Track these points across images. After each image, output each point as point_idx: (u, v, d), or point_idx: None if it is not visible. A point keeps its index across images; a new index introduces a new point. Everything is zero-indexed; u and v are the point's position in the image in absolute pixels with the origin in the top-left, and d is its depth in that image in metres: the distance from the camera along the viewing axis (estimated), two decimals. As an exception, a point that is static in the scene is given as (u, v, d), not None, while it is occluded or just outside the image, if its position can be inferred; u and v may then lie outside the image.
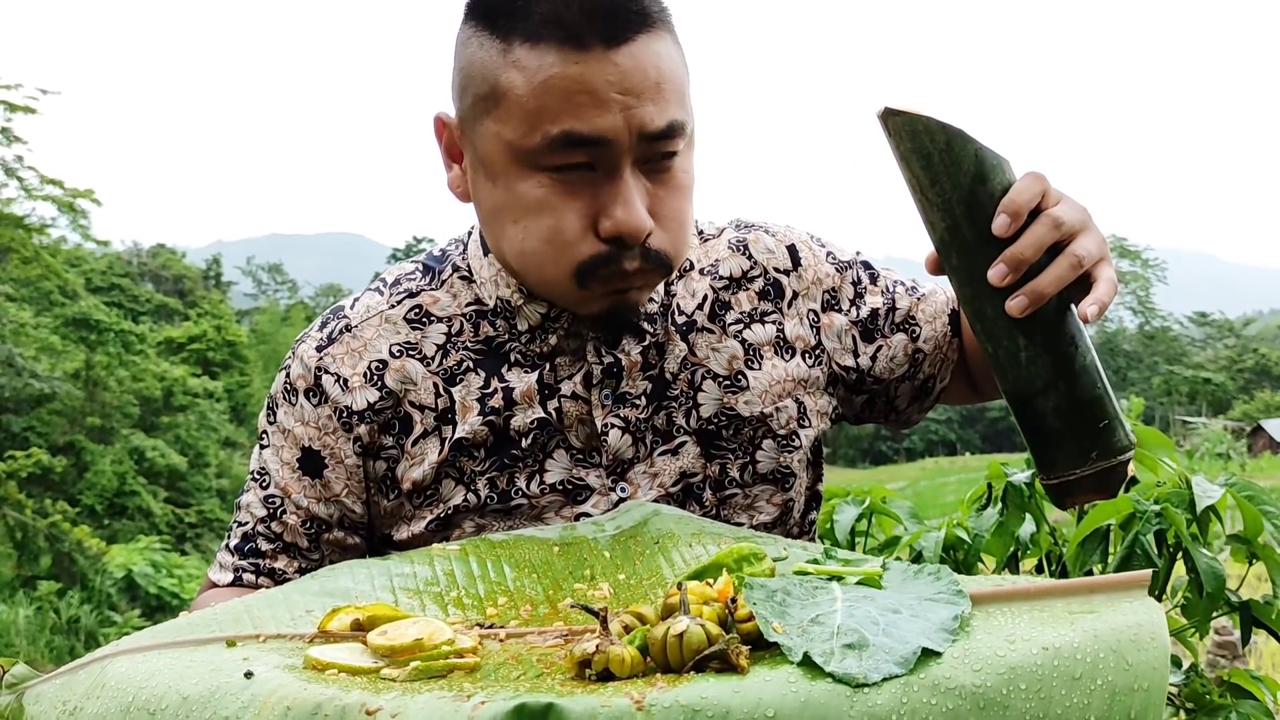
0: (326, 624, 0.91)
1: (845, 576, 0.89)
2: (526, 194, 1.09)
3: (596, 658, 0.78)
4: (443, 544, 1.10)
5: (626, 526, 1.11)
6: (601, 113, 1.06)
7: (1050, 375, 1.02)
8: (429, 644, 0.84)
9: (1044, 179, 1.03)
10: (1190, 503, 1.59)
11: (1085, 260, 1.02)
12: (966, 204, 1.02)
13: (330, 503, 1.23)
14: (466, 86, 1.12)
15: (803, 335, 1.28)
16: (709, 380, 1.23)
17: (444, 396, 1.21)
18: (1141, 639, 0.77)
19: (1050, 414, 1.03)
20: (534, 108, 1.06)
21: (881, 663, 0.75)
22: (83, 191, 17.91)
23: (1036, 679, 0.75)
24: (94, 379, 23.87)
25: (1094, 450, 1.02)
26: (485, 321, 1.22)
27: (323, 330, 1.25)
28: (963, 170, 1.02)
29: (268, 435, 1.26)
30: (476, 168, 1.14)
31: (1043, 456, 1.05)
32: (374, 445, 1.22)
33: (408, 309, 1.24)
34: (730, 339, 1.25)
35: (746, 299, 1.27)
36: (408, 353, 1.22)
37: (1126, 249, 65.05)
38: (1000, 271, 1.01)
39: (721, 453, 1.23)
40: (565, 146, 1.06)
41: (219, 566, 1.26)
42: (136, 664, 0.87)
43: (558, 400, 1.20)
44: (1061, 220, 1.01)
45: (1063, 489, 1.04)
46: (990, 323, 1.03)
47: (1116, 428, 1.03)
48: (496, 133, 1.09)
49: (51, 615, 16.39)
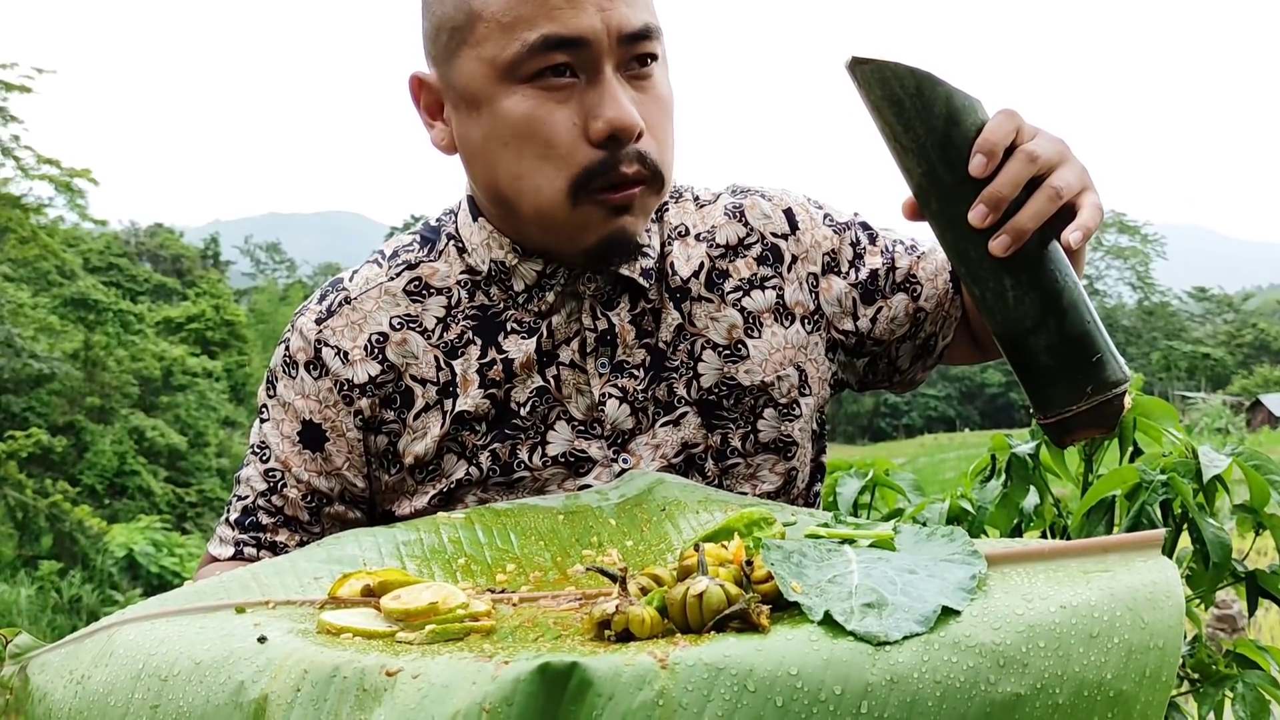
0: (337, 589, 0.90)
1: (857, 539, 0.89)
2: (513, 110, 1.08)
3: (616, 618, 0.78)
4: (447, 513, 1.09)
5: (631, 495, 1.11)
6: (578, 13, 1.06)
7: (1039, 313, 1.01)
8: (443, 607, 0.83)
9: (1017, 115, 1.02)
10: (1196, 472, 1.59)
11: (1065, 191, 1.00)
12: (941, 147, 1.01)
13: (331, 476, 1.22)
14: (439, 29, 1.12)
15: (802, 301, 1.27)
16: (709, 350, 1.23)
17: (445, 370, 1.20)
18: (1157, 597, 0.77)
19: (1042, 352, 1.01)
20: (510, 20, 1.06)
21: (902, 621, 0.75)
22: (80, 171, 17.86)
23: (1055, 637, 0.75)
24: (93, 359, 23.86)
25: (1089, 385, 1.01)
26: (480, 290, 1.21)
27: (322, 303, 1.24)
28: (935, 114, 1.01)
29: (267, 409, 1.25)
30: (459, 107, 1.13)
31: (1038, 395, 1.03)
32: (375, 419, 1.21)
33: (407, 281, 1.23)
34: (729, 308, 1.24)
35: (745, 265, 1.26)
36: (408, 325, 1.21)
37: (1125, 224, 64.98)
38: (980, 212, 1.00)
39: (723, 423, 1.22)
40: (545, 50, 1.06)
41: (219, 541, 1.25)
42: (145, 631, 0.86)
43: (556, 368, 1.20)
44: (1037, 154, 1.00)
45: (1060, 426, 1.03)
46: (974, 265, 1.02)
47: (1109, 361, 1.01)
48: (475, 57, 1.09)
49: (53, 595, 16.43)
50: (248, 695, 0.76)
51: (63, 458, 21.56)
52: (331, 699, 0.73)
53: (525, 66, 1.07)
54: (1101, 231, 65.63)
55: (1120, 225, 64.90)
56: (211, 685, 0.78)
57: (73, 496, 19.29)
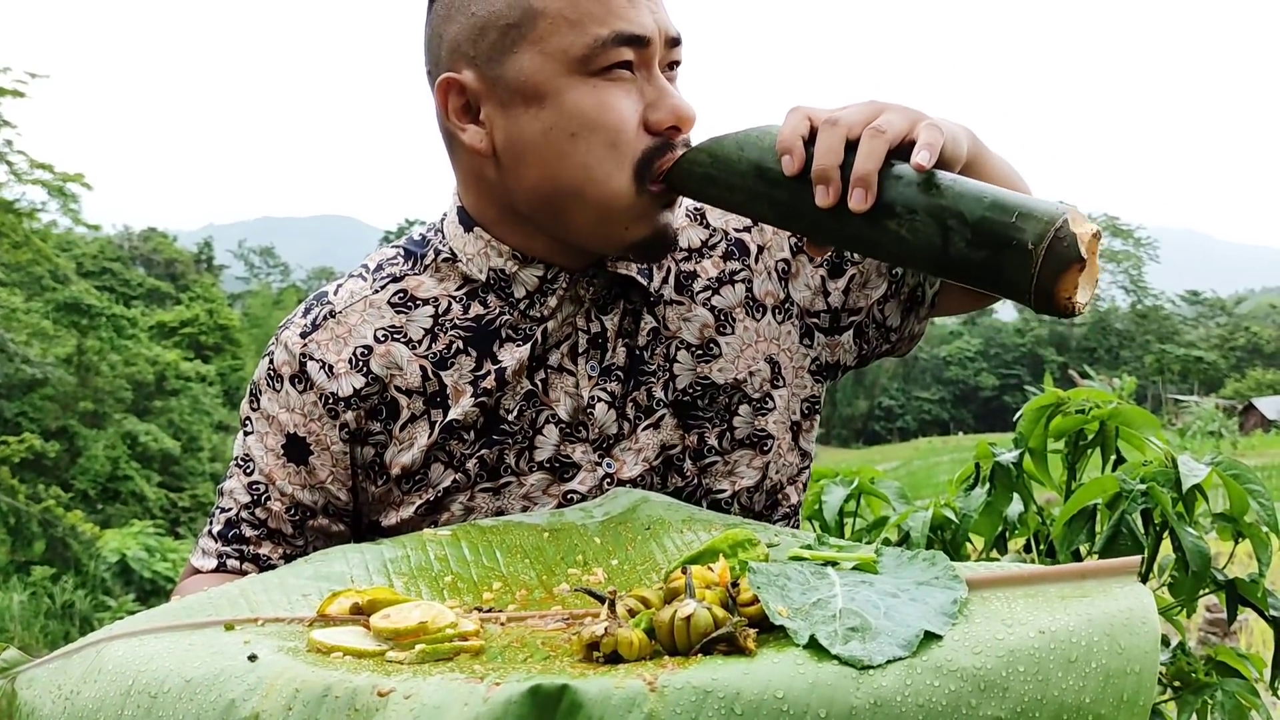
0: (326, 607, 0.91)
1: (840, 562, 0.90)
2: (582, 100, 1.12)
3: (605, 640, 0.79)
4: (433, 529, 1.10)
5: (615, 513, 1.11)
6: (639, 13, 1.12)
7: (936, 225, 0.99)
8: (433, 627, 0.84)
9: (802, 107, 1.06)
10: (1176, 481, 1.60)
11: (886, 128, 1.01)
12: (759, 177, 1.06)
13: (315, 489, 1.23)
14: (484, 30, 1.13)
15: (772, 290, 1.28)
16: (683, 351, 1.24)
17: (433, 380, 1.21)
18: (1133, 623, 0.78)
19: (969, 251, 0.98)
20: (577, 16, 1.11)
21: (885, 645, 0.76)
22: (73, 175, 17.83)
23: (1034, 661, 0.76)
24: (86, 364, 23.83)
25: (1029, 243, 0.96)
26: (476, 301, 1.22)
27: (306, 316, 1.25)
28: (735, 160, 1.08)
29: (251, 421, 1.25)
30: (510, 104, 1.14)
31: (1003, 287, 1.00)
32: (361, 431, 1.21)
33: (392, 293, 1.24)
34: (699, 307, 1.26)
35: (711, 264, 1.28)
36: (393, 337, 1.22)
37: (1118, 228, 65.11)
38: (821, 192, 1.02)
39: (699, 422, 1.24)
40: (616, 44, 1.11)
41: (201, 552, 1.25)
42: (134, 647, 0.86)
43: (544, 371, 1.21)
44: (838, 118, 1.03)
45: (1041, 295, 0.97)
46: (864, 236, 1.02)
47: (1031, 210, 0.96)
48: (538, 52, 1.12)
49: (46, 600, 16.40)
50: (239, 713, 0.76)
51: (55, 462, 21.53)
52: (324, 718, 0.74)
53: (596, 60, 1.11)
54: (1094, 235, 65.79)
55: (1113, 229, 64.99)
56: (202, 703, 0.78)
57: (65, 501, 19.27)
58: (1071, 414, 1.80)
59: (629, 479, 1.21)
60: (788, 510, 1.31)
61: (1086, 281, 0.96)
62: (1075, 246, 0.94)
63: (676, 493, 1.22)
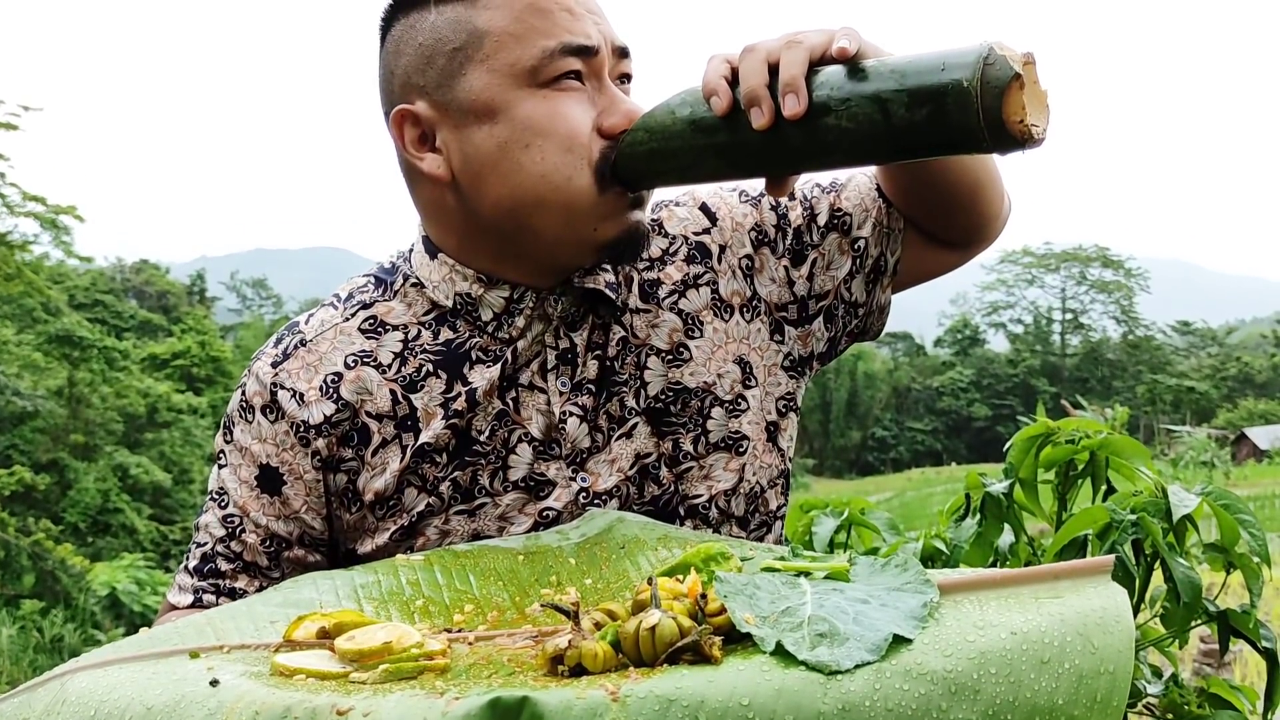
0: (292, 632, 0.90)
1: (813, 572, 0.90)
2: (534, 111, 1.13)
3: (569, 653, 0.78)
4: (406, 555, 1.10)
5: (591, 534, 1.11)
6: (581, 23, 1.15)
7: (875, 105, 0.99)
8: (398, 647, 0.83)
9: (719, 54, 1.08)
10: (1167, 512, 1.59)
11: (803, 39, 1.03)
12: (695, 130, 1.08)
13: (289, 520, 1.22)
14: (432, 57, 1.15)
15: (738, 289, 1.28)
16: (653, 357, 1.25)
17: (403, 404, 1.21)
18: (1107, 622, 0.78)
19: (910, 115, 0.98)
20: (522, 30, 1.13)
21: (854, 650, 0.76)
22: (65, 208, 17.82)
23: (1006, 663, 0.76)
24: (77, 396, 23.76)
25: (962, 80, 0.95)
26: (445, 326, 1.22)
27: (277, 346, 1.25)
28: (670, 124, 1.10)
29: (225, 454, 1.25)
30: (464, 124, 1.15)
31: (957, 139, 0.98)
32: (333, 458, 1.21)
33: (362, 320, 1.24)
34: (666, 312, 1.26)
35: (675, 270, 1.28)
36: (363, 361, 1.22)
37: (1109, 258, 65.39)
38: (756, 115, 1.03)
39: (672, 428, 1.24)
40: (564, 55, 1.13)
41: (178, 589, 1.25)
42: (97, 679, 0.86)
43: (515, 391, 1.21)
44: (755, 46, 1.05)
45: (993, 127, 0.95)
46: (810, 145, 1.03)
47: (955, 55, 0.96)
48: (486, 70, 1.14)
49: (35, 634, 16.27)
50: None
51: (46, 495, 21.42)
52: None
53: (544, 71, 1.13)
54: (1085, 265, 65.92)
55: (1104, 259, 65.29)
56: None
57: (55, 534, 19.14)
58: (1062, 444, 1.80)
59: (604, 491, 1.20)
60: (765, 517, 1.30)
61: (1034, 103, 0.95)
62: (1006, 65, 0.94)
63: (654, 500, 1.22)
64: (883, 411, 62.53)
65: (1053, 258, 66.64)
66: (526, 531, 1.18)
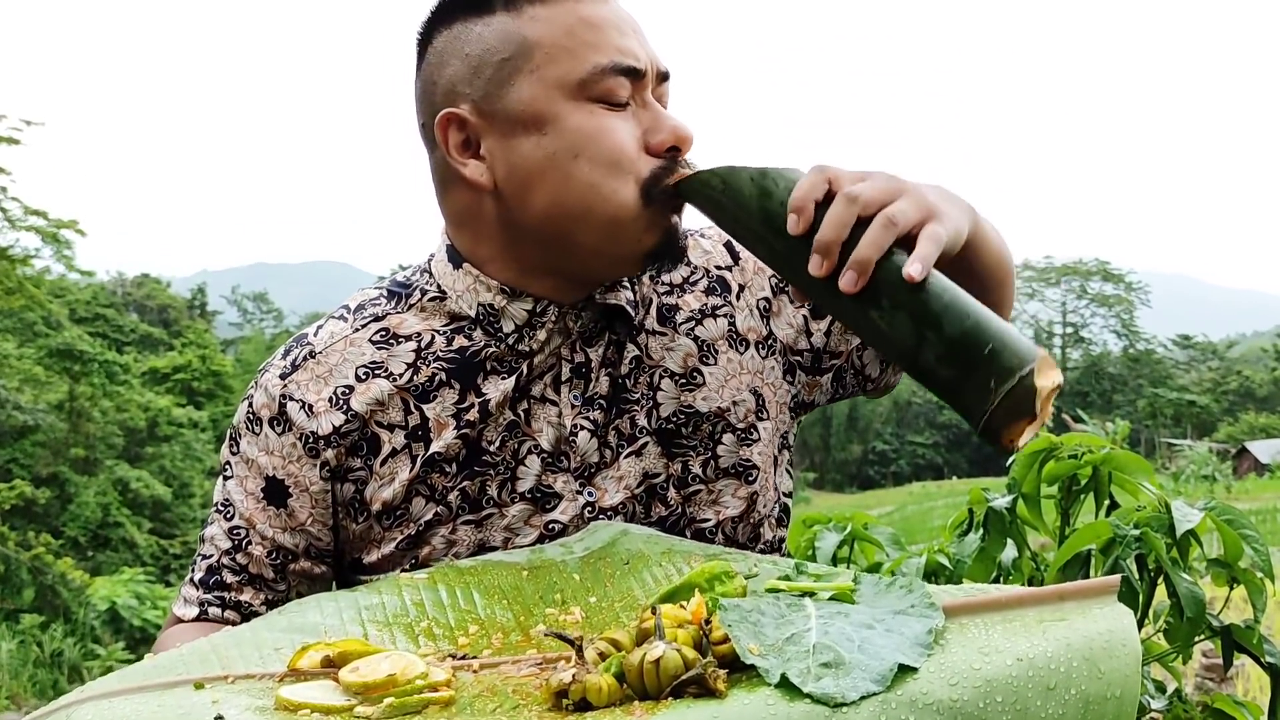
0: (296, 662, 0.90)
1: (818, 593, 0.89)
2: (584, 124, 1.14)
3: (574, 688, 0.78)
4: (410, 573, 1.09)
5: (595, 548, 1.10)
6: (630, 42, 1.16)
7: (914, 329, 0.99)
8: (402, 679, 0.83)
9: (828, 168, 1.04)
10: (1170, 527, 1.59)
11: (898, 218, 1.00)
12: (764, 223, 1.06)
13: (295, 532, 1.22)
14: (480, 67, 1.15)
15: (754, 327, 1.29)
16: (666, 379, 1.25)
17: (415, 414, 1.20)
18: (1113, 646, 0.78)
19: (936, 365, 0.98)
20: (574, 44, 1.14)
21: (859, 681, 0.75)
22: (67, 222, 17.85)
23: (1012, 691, 0.75)
24: (78, 410, 23.76)
25: (990, 380, 0.96)
26: (461, 335, 1.22)
27: (286, 358, 1.24)
28: (746, 196, 1.07)
29: (231, 466, 1.25)
30: (512, 132, 1.15)
31: (958, 406, 1.00)
32: (341, 468, 1.21)
33: (373, 332, 1.24)
34: (682, 337, 1.27)
35: (694, 298, 1.29)
36: (374, 373, 1.21)
37: (1110, 272, 65.42)
38: (816, 262, 1.01)
39: (683, 450, 1.24)
40: (614, 73, 1.14)
41: (183, 601, 1.25)
42: (103, 711, 0.85)
43: (527, 402, 1.21)
44: (858, 195, 1.01)
45: (987, 430, 0.98)
46: (843, 310, 1.02)
47: (1003, 349, 0.96)
48: (537, 80, 1.14)
49: (35, 649, 16.23)
50: None
51: (46, 509, 21.41)
52: None
53: (594, 87, 1.14)
54: (1086, 279, 65.91)
55: (1104, 273, 65.33)
56: None
57: (55, 548, 19.12)
58: (1064, 459, 1.80)
59: (610, 507, 1.20)
60: (765, 546, 1.30)
61: (1034, 428, 0.97)
62: (1032, 402, 0.95)
63: (660, 521, 1.22)
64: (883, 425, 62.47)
65: (1053, 271, 66.70)
66: (532, 543, 1.17)
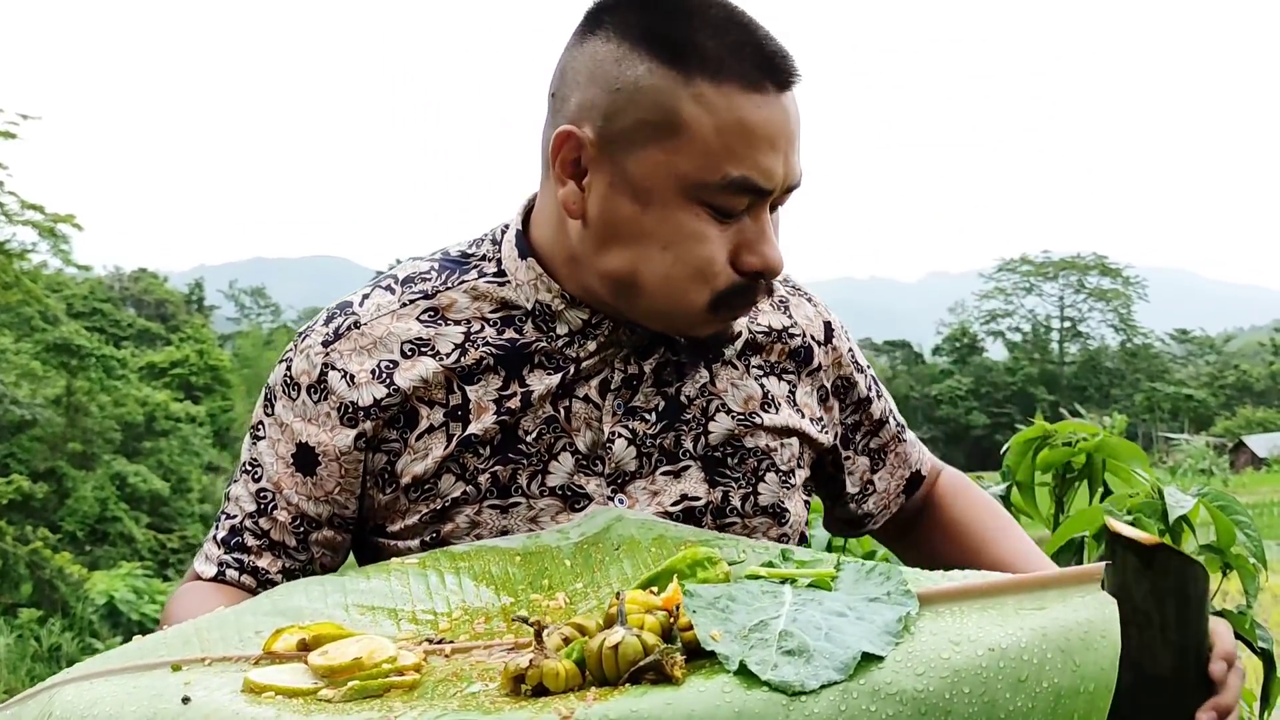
0: (272, 645, 0.90)
1: (797, 579, 0.88)
2: (685, 224, 1.12)
3: (530, 672, 0.77)
4: (402, 559, 1.09)
5: (590, 533, 1.10)
6: (775, 160, 1.12)
7: None
8: (368, 663, 0.83)
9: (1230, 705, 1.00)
10: (1163, 513, 1.60)
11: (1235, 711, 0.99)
12: (1198, 647, 0.97)
13: (322, 501, 1.21)
14: (625, 109, 1.12)
15: (809, 405, 1.32)
16: (722, 412, 1.25)
17: (457, 394, 1.19)
18: (1091, 637, 0.76)
19: None
20: (718, 146, 1.10)
21: (821, 669, 0.74)
22: (64, 216, 17.83)
23: (980, 682, 0.74)
24: (75, 404, 23.75)
25: None
26: (511, 326, 1.21)
27: (328, 325, 1.22)
28: (1203, 615, 0.98)
29: (263, 427, 1.24)
30: (620, 190, 1.13)
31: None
32: (376, 439, 1.20)
33: (421, 309, 1.22)
34: (751, 380, 1.27)
35: (777, 352, 1.30)
36: (421, 350, 1.20)
37: (1107, 267, 65.44)
38: (1210, 717, 0.95)
39: (725, 480, 1.24)
40: (739, 190, 1.11)
41: (204, 558, 1.24)
42: (82, 692, 0.86)
43: (570, 400, 1.20)
44: (1244, 678, 1.01)
45: None
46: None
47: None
48: (666, 162, 1.11)
49: (33, 643, 16.24)
50: None
51: (43, 504, 21.41)
52: None
53: (714, 195, 1.11)
54: (1084, 274, 65.92)
55: (1102, 268, 65.36)
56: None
57: (53, 543, 19.12)
58: (1059, 447, 1.81)
59: None
60: None
61: None
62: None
63: None
64: (881, 420, 62.18)
65: (1051, 266, 66.71)
66: None
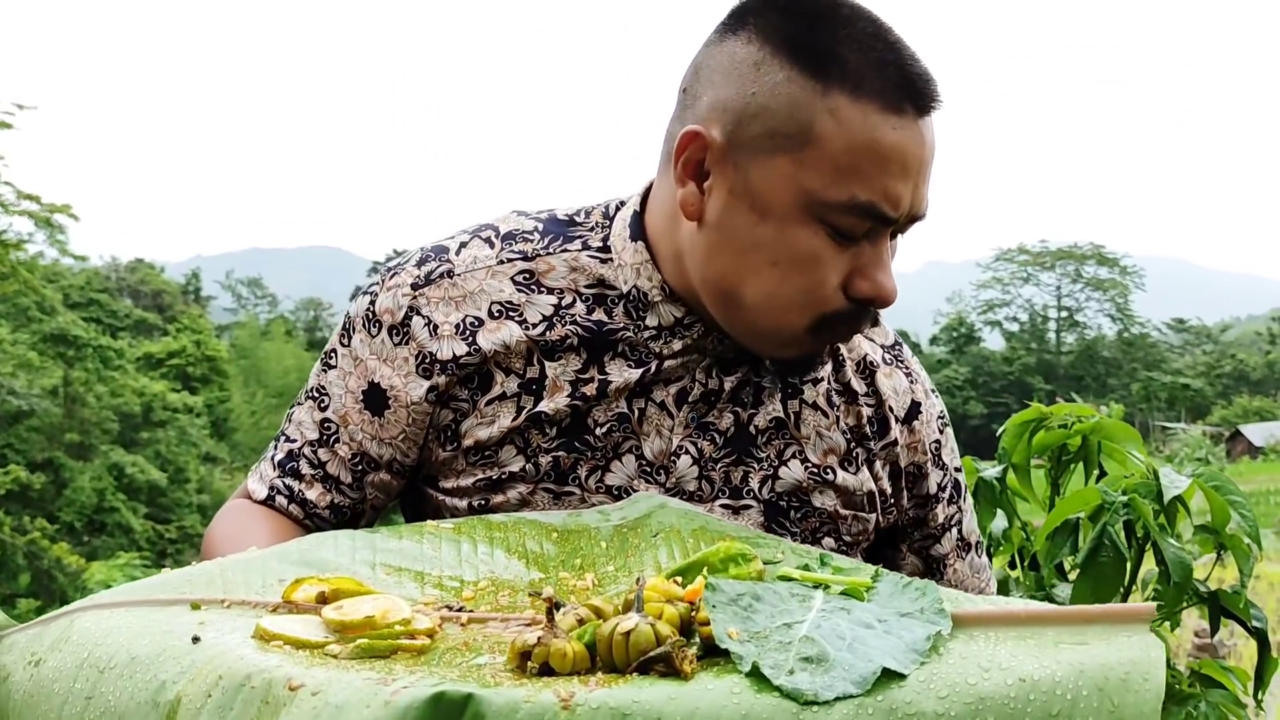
0: (291, 593, 0.89)
1: (830, 586, 0.84)
2: (802, 243, 1.08)
3: (537, 650, 0.75)
4: (437, 522, 1.06)
5: (631, 517, 1.07)
6: (904, 187, 1.07)
7: None
8: (380, 622, 0.82)
9: None
10: (1158, 493, 1.60)
11: None
12: None
13: (385, 444, 1.19)
14: (758, 115, 1.08)
15: (882, 477, 1.27)
16: (797, 459, 1.21)
17: (535, 367, 1.17)
18: (1132, 679, 0.70)
19: None
20: (847, 165, 1.06)
21: (838, 680, 0.70)
22: (60, 206, 17.79)
23: (1007, 713, 0.69)
24: (72, 395, 23.75)
25: None
26: (602, 308, 1.18)
27: (421, 268, 1.19)
28: None
29: (336, 356, 1.21)
30: (740, 197, 1.10)
31: None
32: (447, 394, 1.17)
33: (518, 270, 1.19)
34: (839, 432, 1.23)
35: (861, 411, 1.25)
36: (509, 314, 1.17)
37: (1104, 256, 65.41)
38: None
39: (783, 533, 1.19)
40: (863, 214, 1.07)
41: (258, 476, 1.23)
42: (101, 620, 0.86)
43: (645, 402, 1.17)
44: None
45: None
46: None
47: None
48: (792, 175, 1.07)
49: (30, 633, 16.24)
50: (166, 695, 0.76)
51: (41, 494, 21.41)
52: (237, 707, 0.73)
53: (836, 215, 1.07)
54: (1081, 263, 65.89)
55: (1099, 257, 65.33)
56: (139, 682, 0.78)
57: (51, 534, 19.13)
58: (1054, 429, 1.81)
59: None
60: None
61: None
62: None
63: None
64: (878, 409, 62.11)
65: (1048, 255, 66.65)
66: None
